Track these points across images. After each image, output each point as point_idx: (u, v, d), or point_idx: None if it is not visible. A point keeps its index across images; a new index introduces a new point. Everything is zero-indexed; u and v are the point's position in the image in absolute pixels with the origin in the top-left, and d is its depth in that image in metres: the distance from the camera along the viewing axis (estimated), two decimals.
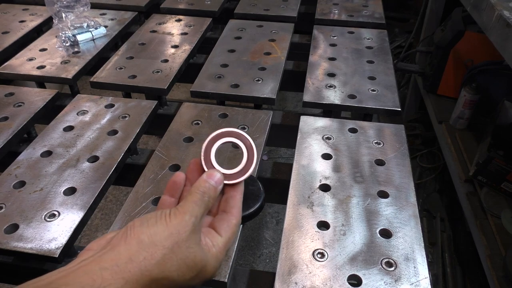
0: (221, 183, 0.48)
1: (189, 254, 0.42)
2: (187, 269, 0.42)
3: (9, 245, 0.63)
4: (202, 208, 0.45)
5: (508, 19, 1.02)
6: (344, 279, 0.58)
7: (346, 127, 0.87)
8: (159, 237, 0.41)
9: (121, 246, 0.40)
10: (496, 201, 1.50)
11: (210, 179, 0.47)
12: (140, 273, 0.39)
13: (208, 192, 0.46)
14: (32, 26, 1.26)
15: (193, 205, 0.44)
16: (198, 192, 0.46)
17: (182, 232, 0.42)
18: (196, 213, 0.44)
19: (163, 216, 0.43)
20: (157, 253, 0.40)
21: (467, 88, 1.73)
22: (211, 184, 0.47)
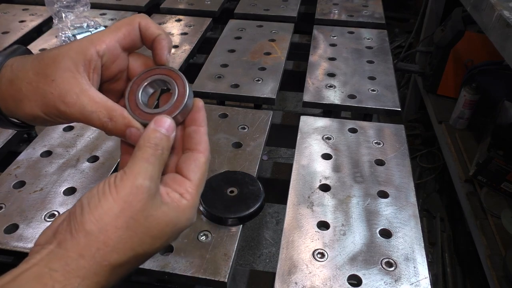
0: (174, 130, 0.41)
1: (150, 225, 0.36)
2: (152, 240, 0.37)
3: (9, 245, 0.63)
4: (157, 166, 0.38)
5: (508, 19, 1.02)
6: (344, 279, 0.58)
7: (346, 127, 0.87)
8: (108, 218, 0.35)
9: (67, 242, 0.34)
10: (496, 201, 1.50)
11: (159, 127, 0.40)
12: (97, 265, 0.34)
13: (160, 143, 0.39)
14: (32, 26, 1.26)
15: (145, 164, 0.37)
16: (148, 146, 0.38)
17: (136, 202, 0.36)
18: (150, 173, 0.37)
19: (106, 188, 0.36)
20: (111, 238, 0.34)
21: (467, 88, 1.73)
22: (162, 133, 0.40)
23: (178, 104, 0.42)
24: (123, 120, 0.42)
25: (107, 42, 0.43)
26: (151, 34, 0.45)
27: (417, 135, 2.31)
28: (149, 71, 0.45)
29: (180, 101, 0.43)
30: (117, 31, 0.44)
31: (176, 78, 0.44)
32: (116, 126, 0.42)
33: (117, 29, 0.44)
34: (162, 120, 0.41)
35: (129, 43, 0.45)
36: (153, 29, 0.45)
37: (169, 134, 0.40)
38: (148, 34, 0.45)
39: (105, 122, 0.41)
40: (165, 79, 0.44)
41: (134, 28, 0.45)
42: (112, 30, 0.44)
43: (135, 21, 0.45)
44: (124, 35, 0.44)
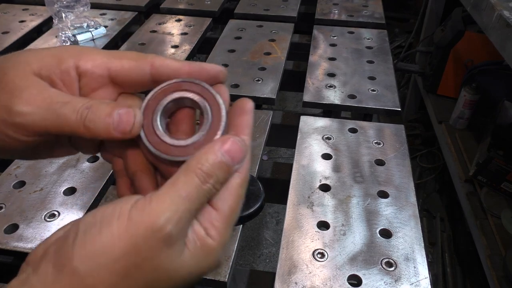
0: (243, 158, 0.31)
1: (158, 277, 0.28)
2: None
3: (9, 245, 0.63)
4: (195, 205, 0.29)
5: (508, 19, 1.02)
6: (344, 279, 0.58)
7: (346, 127, 0.87)
8: (104, 259, 0.27)
9: (47, 275, 0.28)
10: (496, 201, 1.50)
11: (224, 150, 0.30)
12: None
13: (216, 174, 0.30)
14: (32, 26, 1.26)
15: (179, 201, 0.28)
16: (196, 173, 0.29)
17: (146, 248, 0.27)
18: (181, 215, 0.28)
19: (115, 216, 0.28)
20: (101, 285, 0.27)
21: (467, 88, 1.73)
22: (224, 160, 0.30)
23: (212, 134, 0.33)
24: (106, 106, 0.32)
25: (95, 63, 0.35)
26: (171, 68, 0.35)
27: (417, 135, 2.31)
28: (174, 84, 0.35)
29: (214, 131, 0.33)
30: (116, 58, 0.35)
31: (210, 98, 0.34)
32: (99, 113, 0.32)
33: (119, 56, 0.35)
34: (230, 142, 0.30)
35: (124, 79, 0.35)
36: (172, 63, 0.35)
37: (233, 165, 0.30)
38: (166, 69, 0.35)
39: (84, 110, 0.32)
40: (195, 98, 0.34)
41: (140, 67, 0.35)
42: (111, 54, 0.36)
43: (146, 60, 0.35)
44: (122, 66, 0.35)
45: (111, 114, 0.32)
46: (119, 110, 0.32)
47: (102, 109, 0.32)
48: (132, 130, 0.32)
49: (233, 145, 0.31)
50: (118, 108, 0.32)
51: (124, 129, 0.32)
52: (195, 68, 0.35)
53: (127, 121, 0.32)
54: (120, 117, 0.32)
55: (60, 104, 0.32)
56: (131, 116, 0.32)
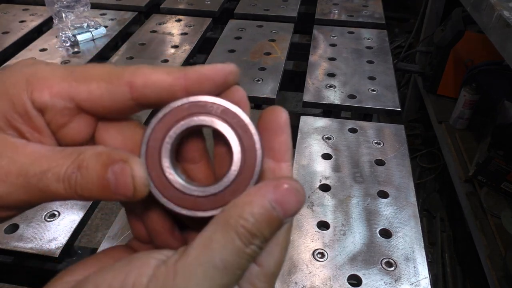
0: (298, 210, 0.24)
1: None
2: None
3: (9, 245, 0.63)
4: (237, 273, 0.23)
5: (508, 19, 1.02)
6: (344, 279, 0.58)
7: (346, 127, 0.87)
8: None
9: None
10: (496, 201, 1.50)
11: (273, 198, 0.24)
12: None
13: (262, 233, 0.23)
14: (32, 26, 1.26)
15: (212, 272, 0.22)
16: (235, 231, 0.23)
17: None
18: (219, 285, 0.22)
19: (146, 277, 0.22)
20: None
21: (467, 88, 1.73)
22: (275, 214, 0.24)
23: (248, 173, 0.26)
24: (96, 162, 0.24)
25: (52, 92, 0.26)
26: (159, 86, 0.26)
27: (417, 135, 2.31)
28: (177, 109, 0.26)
29: (249, 167, 0.26)
30: (80, 81, 0.26)
31: (233, 119, 0.26)
32: (90, 177, 0.24)
33: (84, 78, 0.26)
34: (283, 190, 0.24)
35: (98, 109, 0.27)
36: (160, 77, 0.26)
37: (286, 219, 0.24)
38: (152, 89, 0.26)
39: (72, 176, 0.24)
40: (214, 125, 0.26)
41: (115, 92, 0.26)
42: (73, 75, 0.27)
43: (121, 80, 0.26)
44: (90, 94, 0.26)
45: (103, 175, 0.24)
46: (114, 167, 0.24)
47: (92, 170, 0.24)
48: (135, 193, 0.24)
49: (287, 193, 0.24)
50: (112, 163, 0.24)
51: (125, 193, 0.24)
52: (193, 78, 0.26)
53: (125, 184, 0.24)
54: (116, 177, 0.24)
55: (38, 176, 0.24)
56: (127, 177, 0.24)
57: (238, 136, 0.26)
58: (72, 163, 0.25)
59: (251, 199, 0.24)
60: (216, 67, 0.27)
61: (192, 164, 0.30)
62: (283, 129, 0.27)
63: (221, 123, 0.26)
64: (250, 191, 0.24)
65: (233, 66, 0.27)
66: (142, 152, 0.26)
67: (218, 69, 0.27)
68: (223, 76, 0.27)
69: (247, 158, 0.26)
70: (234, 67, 0.28)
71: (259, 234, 0.23)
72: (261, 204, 0.23)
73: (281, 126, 0.27)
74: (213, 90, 0.27)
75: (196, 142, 0.29)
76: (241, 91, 0.28)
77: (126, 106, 0.27)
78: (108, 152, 0.25)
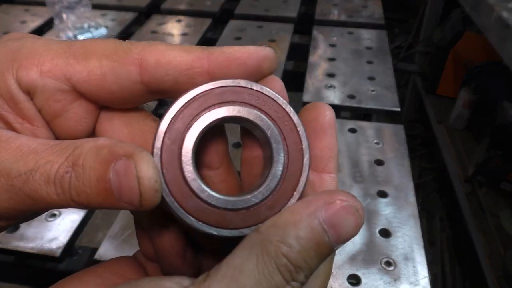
0: (354, 235, 0.19)
1: None
2: None
3: (10, 244, 0.64)
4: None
5: (507, 20, 1.02)
6: (343, 279, 0.58)
7: (346, 127, 0.87)
8: None
9: None
10: (495, 201, 1.51)
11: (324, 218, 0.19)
12: None
13: (309, 262, 0.18)
14: (33, 27, 1.26)
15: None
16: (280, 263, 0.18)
17: None
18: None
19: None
20: None
21: (466, 88, 1.74)
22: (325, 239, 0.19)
23: (293, 182, 0.20)
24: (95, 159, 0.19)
25: (43, 68, 0.21)
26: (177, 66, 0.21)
27: (416, 135, 2.31)
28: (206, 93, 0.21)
29: (294, 175, 0.20)
30: (79, 57, 0.21)
31: (276, 113, 0.21)
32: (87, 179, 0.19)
33: (84, 54, 0.21)
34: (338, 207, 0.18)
35: (98, 95, 0.22)
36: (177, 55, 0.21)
37: (338, 243, 0.19)
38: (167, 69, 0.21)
39: (65, 176, 0.19)
40: (252, 117, 0.20)
41: (122, 72, 0.21)
42: (71, 49, 0.21)
43: (130, 57, 0.21)
44: (89, 74, 0.21)
45: (104, 176, 0.18)
46: (116, 164, 0.18)
47: (90, 168, 0.19)
48: (142, 201, 0.18)
49: (344, 213, 0.18)
50: (115, 159, 0.18)
51: (131, 201, 0.18)
52: (219, 60, 0.21)
53: (129, 188, 0.18)
54: (119, 177, 0.18)
55: (23, 177, 0.19)
56: (131, 175, 0.18)
57: (282, 136, 0.21)
58: (66, 160, 0.19)
59: (296, 218, 0.18)
60: (249, 49, 0.22)
61: (210, 170, 0.24)
62: (325, 130, 0.22)
63: (262, 117, 0.20)
64: (295, 207, 0.18)
65: (269, 50, 0.22)
66: (156, 148, 0.20)
67: (251, 51, 0.22)
68: (256, 60, 0.22)
69: (291, 164, 0.20)
70: (271, 51, 0.22)
71: (305, 266, 0.18)
72: (310, 225, 0.18)
73: (324, 127, 0.22)
74: (243, 77, 0.21)
75: (216, 142, 0.23)
76: (279, 82, 0.23)
77: (133, 92, 0.21)
78: (111, 145, 0.19)
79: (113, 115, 0.23)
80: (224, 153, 0.24)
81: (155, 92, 0.22)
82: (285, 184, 0.20)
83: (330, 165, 0.22)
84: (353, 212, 0.19)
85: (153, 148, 0.20)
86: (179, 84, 0.21)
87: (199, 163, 0.24)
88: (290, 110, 0.21)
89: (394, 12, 2.98)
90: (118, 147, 0.19)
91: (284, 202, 0.20)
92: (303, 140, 0.21)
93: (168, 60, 0.21)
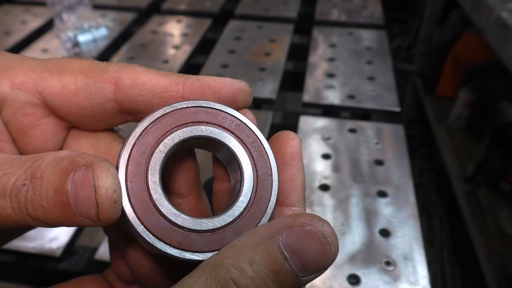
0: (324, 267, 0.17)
1: None
2: None
3: (11, 244, 0.64)
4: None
5: (506, 20, 1.03)
6: (343, 278, 0.58)
7: (346, 127, 0.87)
8: None
9: None
10: (494, 201, 1.51)
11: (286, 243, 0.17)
12: None
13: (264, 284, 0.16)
14: (34, 27, 1.26)
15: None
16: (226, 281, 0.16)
17: None
18: None
19: None
20: None
21: (465, 89, 1.74)
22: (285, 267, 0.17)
23: (261, 207, 0.20)
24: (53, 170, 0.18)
25: (15, 81, 0.20)
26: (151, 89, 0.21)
27: (416, 135, 2.31)
28: (178, 111, 0.21)
29: (262, 200, 0.20)
30: (53, 72, 0.21)
31: (247, 137, 0.21)
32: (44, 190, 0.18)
33: (58, 69, 0.21)
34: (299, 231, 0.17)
35: (70, 112, 0.21)
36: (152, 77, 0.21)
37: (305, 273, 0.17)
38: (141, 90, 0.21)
39: (21, 189, 0.18)
40: (222, 139, 0.20)
41: (95, 88, 0.21)
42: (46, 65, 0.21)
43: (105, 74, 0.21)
44: (62, 88, 0.21)
45: (62, 187, 0.17)
46: (74, 175, 0.17)
47: (48, 180, 0.17)
48: (99, 213, 0.17)
49: (308, 238, 0.16)
50: (74, 169, 0.17)
51: (87, 214, 0.17)
52: (195, 86, 0.21)
53: (86, 199, 0.17)
54: (76, 189, 0.17)
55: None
56: (88, 185, 0.17)
57: (252, 160, 0.20)
58: (24, 172, 0.17)
59: (255, 240, 0.16)
60: (225, 80, 0.22)
61: (180, 198, 0.23)
62: (287, 162, 0.21)
63: (234, 140, 0.20)
64: (257, 229, 0.17)
65: (245, 84, 0.22)
66: (123, 159, 0.19)
67: (226, 82, 0.22)
68: (231, 92, 0.22)
69: (260, 189, 0.20)
70: (246, 86, 0.22)
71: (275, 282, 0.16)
72: (268, 250, 0.16)
73: (285, 158, 0.21)
74: None
75: (186, 169, 0.23)
76: (251, 115, 0.23)
77: (105, 110, 0.21)
78: (72, 156, 0.18)
79: (81, 135, 0.23)
80: (194, 181, 0.24)
81: (127, 112, 0.22)
82: (253, 208, 0.19)
83: (292, 198, 0.20)
84: (318, 238, 0.17)
85: (119, 158, 0.19)
86: (152, 105, 0.21)
87: (169, 190, 0.23)
88: (261, 136, 0.21)
89: (394, 12, 2.99)
90: (80, 157, 0.18)
91: (250, 227, 0.19)
92: (273, 166, 0.20)
93: (143, 81, 0.21)
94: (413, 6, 3.03)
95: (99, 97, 0.21)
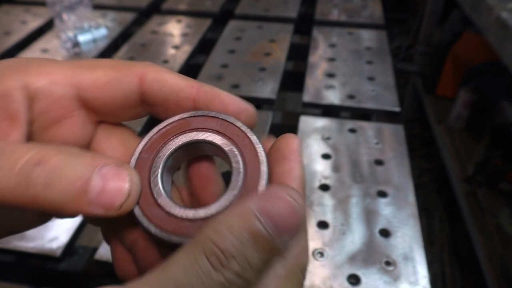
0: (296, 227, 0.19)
1: None
2: None
3: (11, 244, 0.64)
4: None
5: (506, 20, 1.03)
6: (343, 278, 0.58)
7: (346, 127, 0.87)
8: None
9: None
10: (494, 201, 1.51)
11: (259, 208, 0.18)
12: None
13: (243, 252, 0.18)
14: (34, 27, 1.26)
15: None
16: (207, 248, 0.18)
17: None
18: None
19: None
20: None
21: (465, 89, 1.74)
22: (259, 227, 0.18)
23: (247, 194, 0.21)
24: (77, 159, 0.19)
25: (53, 77, 0.23)
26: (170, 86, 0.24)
27: (416, 135, 2.32)
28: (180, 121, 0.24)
29: (249, 189, 0.22)
30: (86, 68, 0.24)
31: (240, 140, 0.23)
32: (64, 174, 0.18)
33: (90, 66, 0.24)
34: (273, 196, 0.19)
35: (101, 101, 0.24)
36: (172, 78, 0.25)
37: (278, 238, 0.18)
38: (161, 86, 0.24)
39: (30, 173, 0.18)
40: (217, 141, 0.23)
41: (124, 81, 0.24)
42: (79, 64, 0.24)
43: (133, 69, 0.24)
44: (96, 81, 0.23)
45: (87, 176, 0.18)
46: (104, 168, 0.19)
47: (70, 166, 0.18)
48: (124, 204, 0.19)
49: (278, 202, 0.18)
50: (102, 162, 0.19)
51: (110, 204, 0.19)
52: (207, 93, 0.25)
53: (118, 191, 0.19)
54: (105, 181, 0.19)
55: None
56: (124, 180, 0.19)
57: (241, 156, 0.23)
58: (36, 151, 0.18)
59: (231, 212, 0.18)
60: (234, 98, 0.25)
61: None
62: (286, 157, 0.23)
63: (222, 139, 0.23)
64: (236, 203, 0.20)
65: (250, 107, 0.25)
66: (134, 156, 0.23)
67: (235, 100, 0.25)
68: (237, 109, 0.25)
69: (248, 180, 0.21)
70: (251, 109, 0.25)
71: (238, 255, 0.17)
72: (241, 212, 0.18)
73: (285, 154, 0.23)
74: None
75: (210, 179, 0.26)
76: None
77: (130, 101, 0.24)
78: (94, 154, 0.20)
79: (111, 134, 0.26)
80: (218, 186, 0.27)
81: (146, 104, 0.25)
82: (243, 195, 0.22)
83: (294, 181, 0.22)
84: (286, 199, 0.19)
85: (131, 157, 0.23)
86: (168, 101, 0.25)
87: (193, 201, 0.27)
88: (251, 135, 0.24)
89: (394, 12, 2.99)
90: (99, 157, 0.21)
91: None
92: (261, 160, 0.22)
93: (164, 79, 0.25)
94: (413, 6, 3.03)
95: (126, 89, 0.24)
